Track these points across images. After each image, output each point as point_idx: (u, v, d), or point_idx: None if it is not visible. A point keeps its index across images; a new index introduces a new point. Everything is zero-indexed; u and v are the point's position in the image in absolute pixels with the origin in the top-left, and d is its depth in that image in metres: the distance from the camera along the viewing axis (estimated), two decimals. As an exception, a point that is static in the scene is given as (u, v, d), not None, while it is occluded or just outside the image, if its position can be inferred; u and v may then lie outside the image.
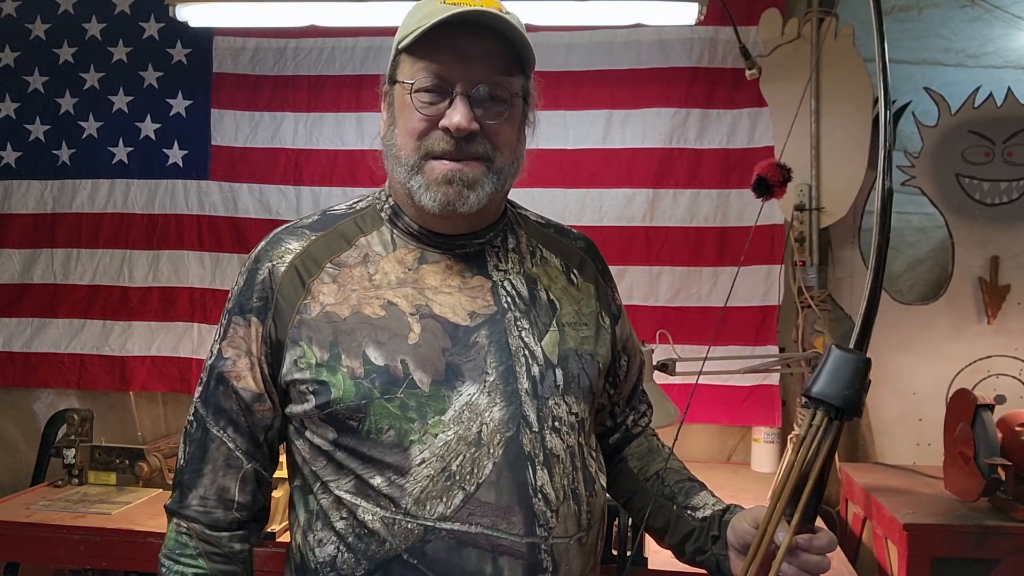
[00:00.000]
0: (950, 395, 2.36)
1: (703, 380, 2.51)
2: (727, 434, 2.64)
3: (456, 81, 1.02)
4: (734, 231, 2.57)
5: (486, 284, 1.10)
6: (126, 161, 2.83)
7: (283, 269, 1.08)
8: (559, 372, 1.09)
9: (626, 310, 1.33)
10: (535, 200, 2.61)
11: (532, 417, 1.05)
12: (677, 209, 2.58)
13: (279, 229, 1.14)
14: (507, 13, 1.05)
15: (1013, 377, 2.42)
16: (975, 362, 2.44)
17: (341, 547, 1.03)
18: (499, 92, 1.04)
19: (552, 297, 1.15)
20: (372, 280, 1.08)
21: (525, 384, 1.06)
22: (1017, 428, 1.97)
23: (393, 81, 1.08)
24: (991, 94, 2.40)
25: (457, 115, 1.01)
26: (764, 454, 2.50)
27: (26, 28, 2.86)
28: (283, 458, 1.17)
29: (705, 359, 1.51)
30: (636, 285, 2.59)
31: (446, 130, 1.02)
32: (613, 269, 2.74)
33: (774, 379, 2.51)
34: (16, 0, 2.85)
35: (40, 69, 2.86)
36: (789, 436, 2.25)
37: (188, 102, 2.80)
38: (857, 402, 0.88)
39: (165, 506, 1.13)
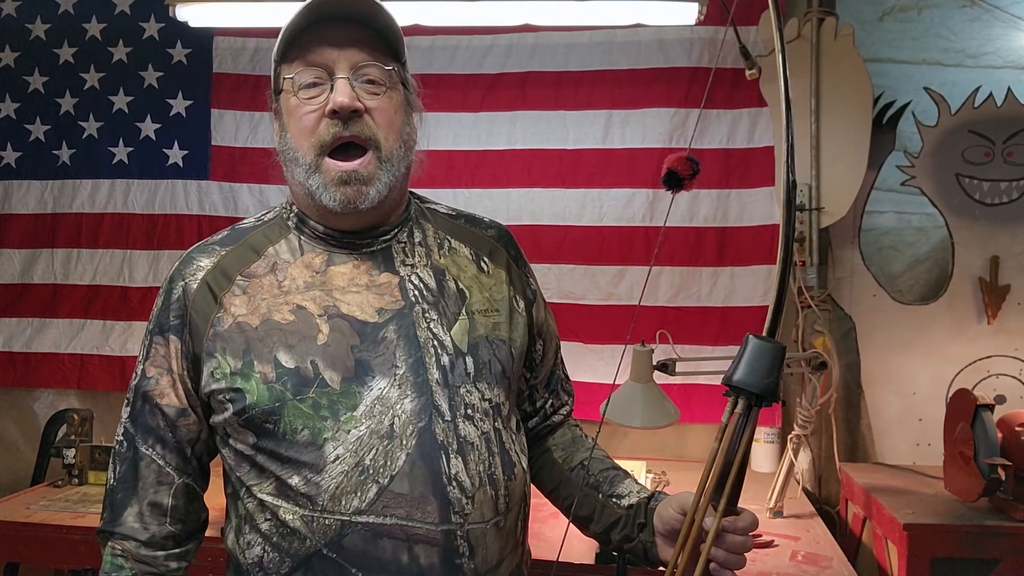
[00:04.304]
0: (950, 395, 2.36)
1: (703, 380, 2.53)
2: (727, 434, 2.64)
3: (333, 67, 1.07)
4: (734, 231, 2.57)
5: (393, 280, 1.12)
6: (126, 161, 2.83)
7: (195, 286, 1.11)
8: (469, 360, 1.11)
9: (625, 310, 1.34)
10: (534, 200, 2.63)
11: (444, 406, 1.07)
12: (677, 209, 2.58)
13: (191, 248, 1.18)
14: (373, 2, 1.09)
15: (1013, 377, 2.42)
16: (975, 362, 2.44)
17: (267, 547, 1.06)
18: (376, 75, 1.08)
19: (461, 286, 1.16)
20: (281, 287, 1.11)
21: (435, 374, 1.08)
22: (1017, 428, 1.97)
23: (278, 92, 1.12)
24: (991, 94, 2.40)
25: (339, 95, 1.05)
26: (764, 454, 2.50)
27: (26, 28, 2.86)
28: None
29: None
30: (636, 285, 2.59)
31: (333, 113, 1.05)
32: (612, 269, 2.76)
33: (774, 379, 2.51)
34: (16, 0, 2.86)
35: (40, 69, 2.86)
36: (789, 436, 2.25)
37: (188, 102, 2.80)
38: (775, 389, 0.91)
39: (97, 530, 1.14)
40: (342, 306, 1.09)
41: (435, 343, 1.10)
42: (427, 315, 1.11)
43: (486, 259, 1.22)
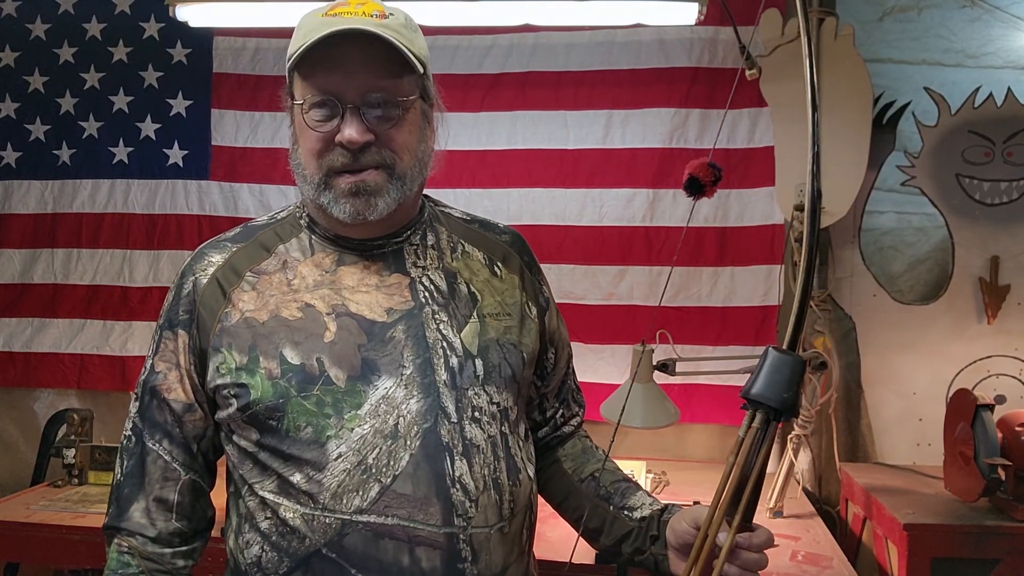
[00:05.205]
0: (950, 395, 2.36)
1: (703, 380, 2.53)
2: (727, 434, 2.64)
3: (343, 95, 1.04)
4: (734, 231, 2.57)
5: (404, 281, 1.12)
6: (126, 161, 2.83)
7: (205, 281, 1.11)
8: (479, 362, 1.10)
9: (626, 310, 1.33)
10: (534, 200, 2.63)
11: (451, 408, 1.07)
12: (677, 209, 2.58)
13: (203, 244, 1.17)
14: (390, 14, 1.06)
15: (1013, 377, 2.42)
16: (975, 362, 2.44)
17: (266, 547, 1.06)
18: (388, 98, 1.05)
19: (473, 289, 1.16)
20: (290, 285, 1.11)
21: (443, 376, 1.08)
22: (1017, 428, 1.97)
23: (292, 98, 1.10)
24: (991, 94, 2.40)
25: (348, 129, 1.03)
26: (764, 454, 2.50)
27: (26, 28, 2.86)
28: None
29: (642, 352, 1.52)
30: (636, 285, 2.59)
31: (342, 144, 1.04)
32: (613, 269, 2.76)
33: (774, 379, 2.51)
34: (16, 0, 2.86)
35: (40, 69, 2.86)
36: (789, 436, 2.26)
37: (188, 102, 2.80)
38: (794, 404, 0.90)
39: (103, 525, 1.14)
40: (351, 305, 1.09)
41: (444, 344, 1.09)
42: (437, 316, 1.11)
43: (499, 264, 1.21)
